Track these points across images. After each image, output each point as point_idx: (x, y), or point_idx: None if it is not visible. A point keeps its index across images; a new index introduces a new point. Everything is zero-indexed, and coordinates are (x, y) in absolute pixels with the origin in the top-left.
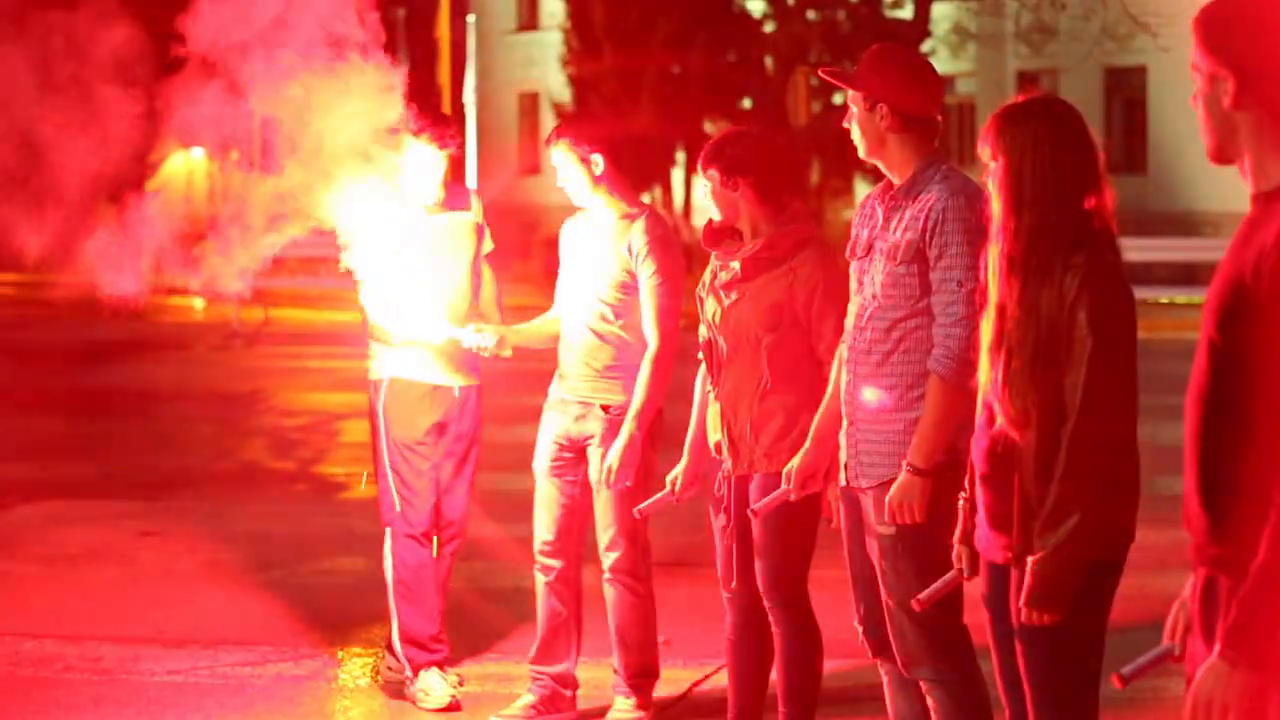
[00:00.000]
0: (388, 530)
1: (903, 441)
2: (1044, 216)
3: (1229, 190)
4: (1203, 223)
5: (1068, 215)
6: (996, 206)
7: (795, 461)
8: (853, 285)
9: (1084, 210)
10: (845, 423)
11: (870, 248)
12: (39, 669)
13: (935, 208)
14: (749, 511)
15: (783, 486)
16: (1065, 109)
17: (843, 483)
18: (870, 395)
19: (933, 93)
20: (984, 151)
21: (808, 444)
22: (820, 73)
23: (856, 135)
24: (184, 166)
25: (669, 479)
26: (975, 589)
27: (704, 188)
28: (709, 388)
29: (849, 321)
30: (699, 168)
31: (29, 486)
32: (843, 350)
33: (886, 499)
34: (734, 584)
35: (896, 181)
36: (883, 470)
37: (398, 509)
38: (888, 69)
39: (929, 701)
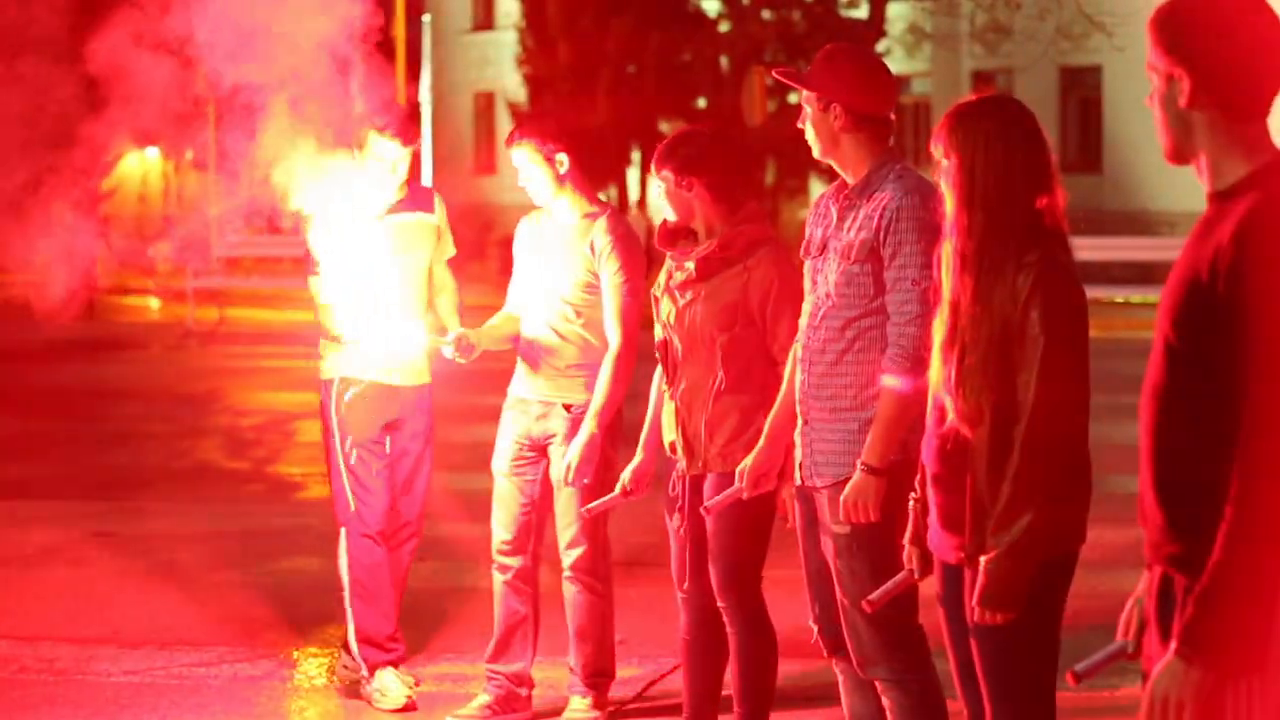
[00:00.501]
0: (343, 530)
1: (858, 440)
2: (996, 214)
3: (1184, 189)
4: (1158, 222)
5: (1019, 214)
6: (949, 204)
7: (748, 460)
8: (806, 285)
9: (1036, 209)
10: (800, 422)
11: (825, 247)
12: None
13: (889, 207)
14: (702, 510)
15: (736, 485)
16: (1018, 108)
17: (798, 482)
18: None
19: (886, 92)
20: (937, 150)
21: (761, 443)
22: (774, 73)
23: (811, 135)
24: (139, 167)
25: (621, 478)
26: (931, 588)
27: (658, 188)
28: (664, 388)
29: (803, 320)
30: (652, 168)
31: None
32: (797, 349)
33: (841, 498)
34: (687, 584)
35: (851, 181)
36: (838, 469)
37: (353, 509)
38: (841, 69)
39: (885, 701)
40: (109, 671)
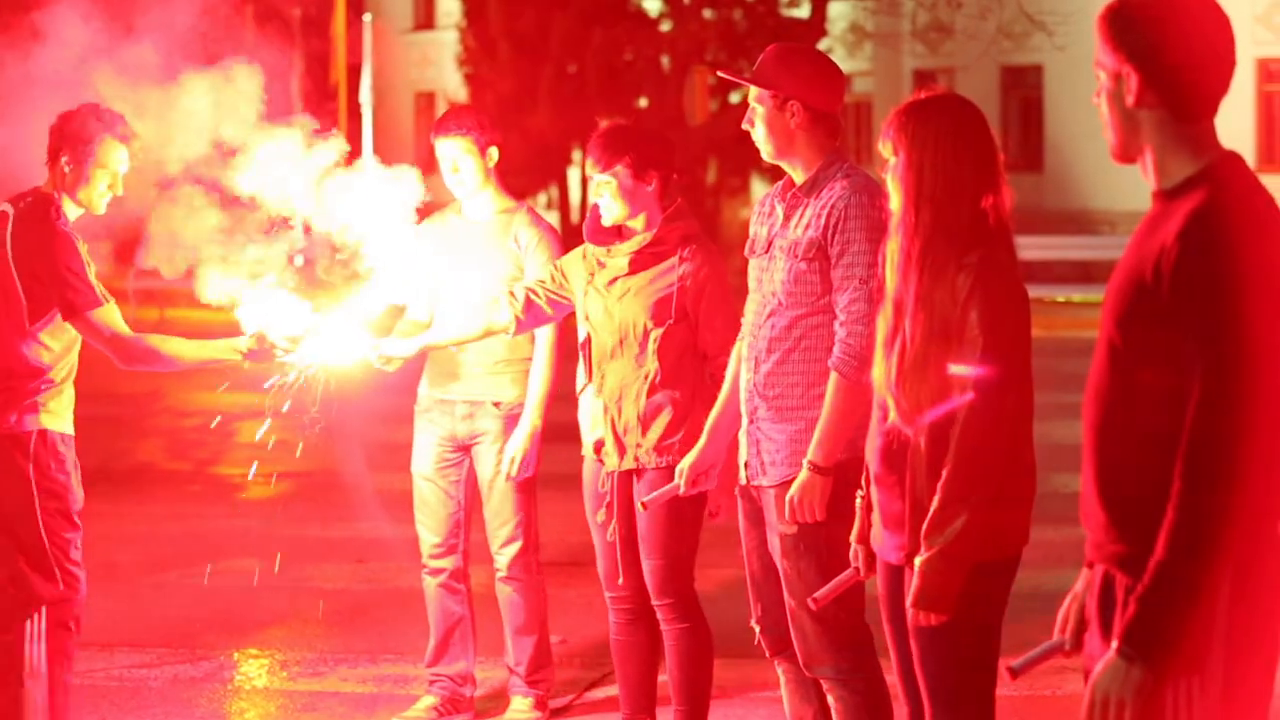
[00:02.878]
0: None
1: (804, 440)
2: (942, 213)
3: (1125, 189)
4: (1099, 221)
5: (964, 213)
6: (896, 202)
7: (689, 458)
8: (751, 283)
9: (980, 209)
10: (745, 421)
11: (770, 245)
12: None
13: (837, 205)
14: (640, 504)
15: (674, 482)
16: (967, 107)
17: (742, 481)
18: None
19: (839, 89)
20: (885, 147)
21: (702, 440)
22: (723, 74)
23: (761, 136)
24: None
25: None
26: (876, 587)
27: (606, 183)
28: (586, 384)
29: (748, 319)
30: (595, 164)
31: None
32: (741, 348)
33: (787, 497)
34: (621, 580)
35: (799, 179)
36: (784, 469)
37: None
38: (797, 66)
39: (830, 700)
40: None
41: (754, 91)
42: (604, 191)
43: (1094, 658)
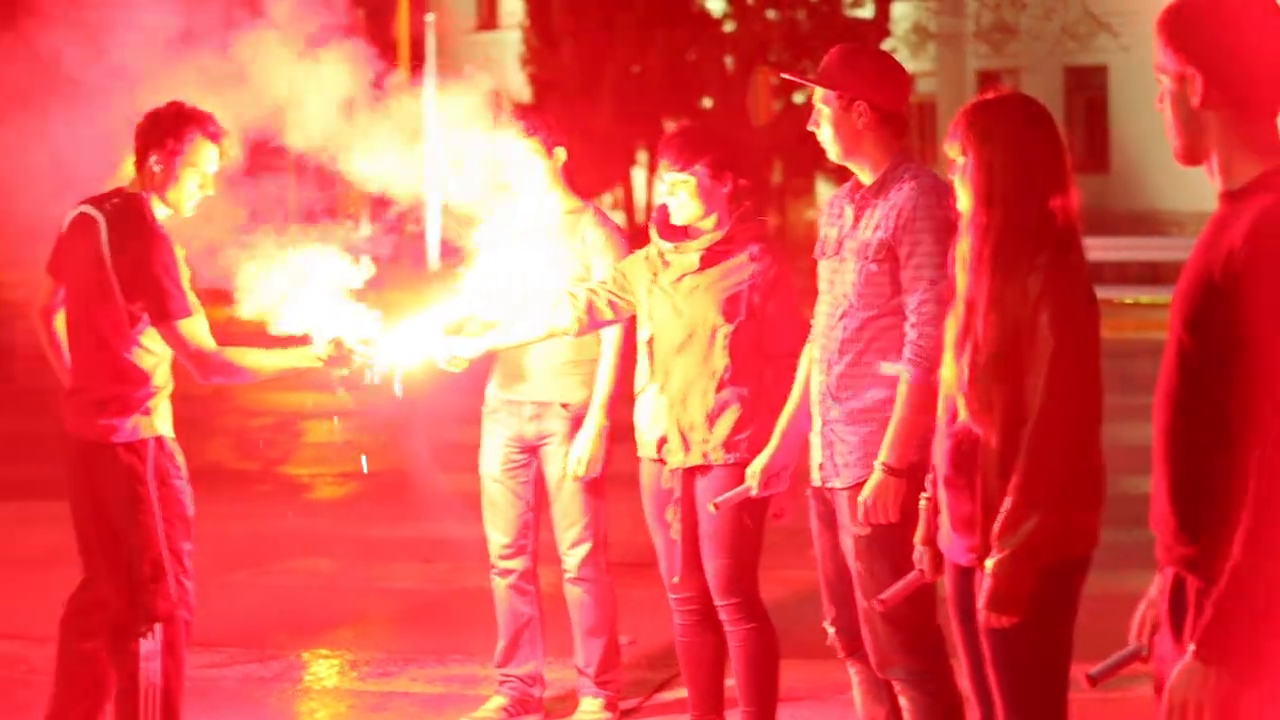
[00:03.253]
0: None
1: (876, 441)
2: (1012, 213)
3: (1191, 189)
4: (1165, 222)
5: (1034, 213)
6: (965, 202)
7: (761, 459)
8: (822, 285)
9: (1049, 209)
10: (818, 423)
11: (840, 247)
12: (1, 670)
13: (905, 206)
14: (711, 505)
15: (746, 483)
16: (1037, 107)
17: (816, 483)
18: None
19: (905, 88)
20: (953, 147)
21: (774, 442)
22: (788, 75)
23: (828, 137)
24: None
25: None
26: (944, 589)
27: (684, 182)
28: (647, 384)
29: (819, 321)
30: (672, 163)
31: None
32: (813, 350)
33: (860, 499)
34: (676, 580)
35: (867, 180)
36: (857, 471)
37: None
38: (861, 66)
39: (902, 701)
40: None
41: (819, 93)
42: (680, 190)
43: (1164, 660)
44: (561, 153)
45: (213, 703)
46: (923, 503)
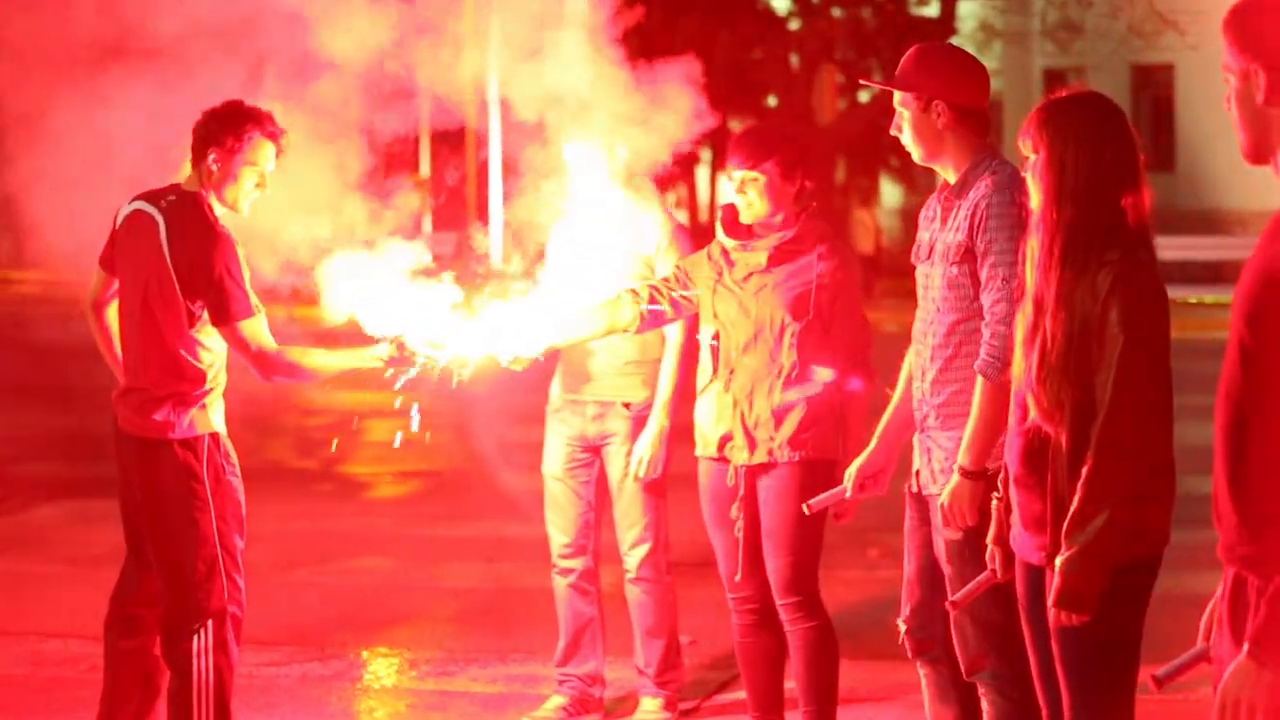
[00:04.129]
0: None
1: None
2: (1084, 211)
3: (1257, 188)
4: (1230, 221)
5: (1105, 211)
6: (1036, 199)
7: (859, 460)
8: (919, 291)
9: (1121, 207)
10: (918, 429)
11: (931, 251)
12: (63, 669)
13: (980, 205)
14: (805, 506)
15: (843, 484)
16: (1110, 105)
17: (914, 488)
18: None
19: (983, 84)
20: (1025, 144)
21: (873, 444)
22: (866, 81)
23: (909, 139)
24: None
25: (847, 473)
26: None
27: (754, 180)
28: (710, 382)
29: (916, 327)
30: (742, 162)
31: (54, 486)
32: (911, 356)
33: (938, 503)
34: (738, 579)
35: (952, 180)
36: (952, 476)
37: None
38: (936, 65)
39: (985, 704)
40: None
41: (898, 96)
42: (750, 189)
43: (1224, 660)
44: (624, 151)
45: (272, 701)
46: (993, 503)
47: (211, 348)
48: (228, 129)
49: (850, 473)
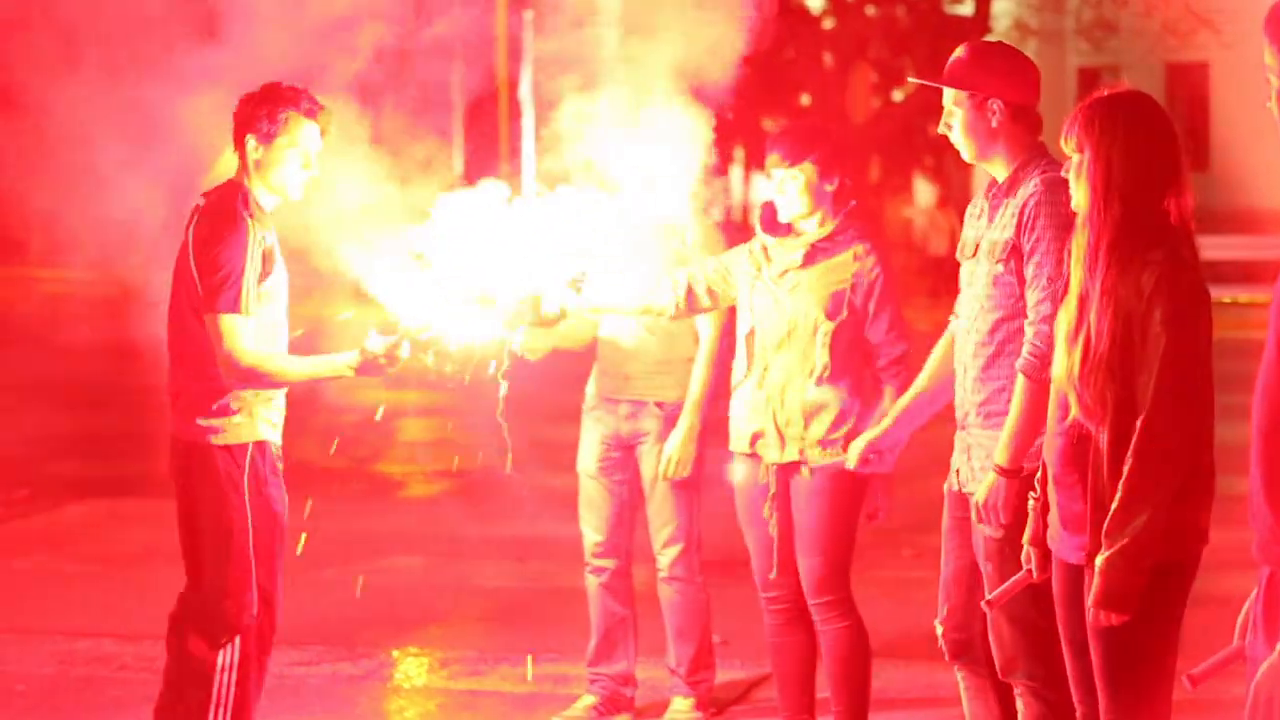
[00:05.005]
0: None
1: None
2: (1131, 208)
3: None
4: (1266, 220)
5: (1151, 209)
6: (1081, 197)
7: (870, 434)
8: (962, 287)
9: (1164, 207)
10: (958, 427)
11: (977, 249)
12: (95, 668)
13: (1029, 203)
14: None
15: (848, 456)
16: (1154, 104)
17: (954, 486)
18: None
19: (1036, 81)
20: (1069, 143)
21: (888, 421)
22: (917, 79)
23: (961, 137)
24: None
25: (854, 445)
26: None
27: (794, 178)
28: (745, 377)
29: (960, 324)
30: (783, 159)
31: (84, 485)
32: (943, 345)
33: (973, 501)
34: (773, 576)
35: (1001, 178)
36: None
37: None
38: (993, 63)
39: (1021, 705)
40: None
41: (951, 94)
42: (789, 186)
43: (1258, 660)
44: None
45: (303, 700)
46: (1030, 502)
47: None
48: (263, 112)
49: (857, 445)
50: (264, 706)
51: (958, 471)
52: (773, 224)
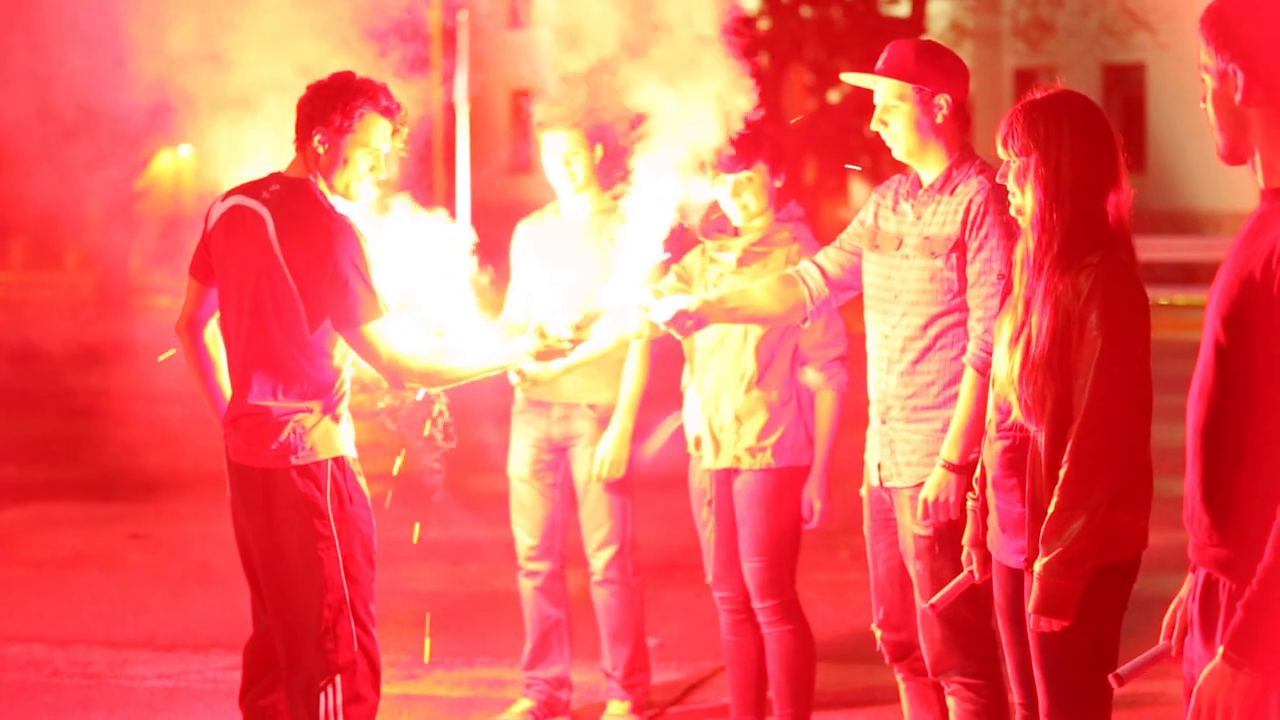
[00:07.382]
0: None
1: (939, 440)
2: (1080, 210)
3: (1228, 189)
4: (1201, 221)
5: (1095, 211)
6: (1028, 201)
7: (679, 303)
8: (875, 281)
9: (1103, 208)
10: (875, 422)
11: (901, 243)
12: (27, 673)
13: (976, 200)
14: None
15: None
16: (1092, 105)
17: (874, 483)
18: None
19: (968, 80)
20: (1012, 146)
21: (708, 302)
22: (855, 75)
23: (901, 133)
24: (171, 165)
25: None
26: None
27: (749, 180)
28: (689, 382)
29: (878, 319)
30: (738, 160)
31: (17, 489)
32: (871, 349)
33: (920, 497)
34: (708, 580)
35: (930, 176)
36: (920, 470)
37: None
38: (940, 59)
39: (951, 703)
40: (143, 675)
41: (895, 89)
42: (745, 190)
43: (1194, 662)
44: (600, 150)
45: (235, 705)
46: (970, 504)
47: (336, 355)
48: (335, 105)
49: (672, 304)
50: (199, 711)
51: (879, 466)
52: (715, 228)
